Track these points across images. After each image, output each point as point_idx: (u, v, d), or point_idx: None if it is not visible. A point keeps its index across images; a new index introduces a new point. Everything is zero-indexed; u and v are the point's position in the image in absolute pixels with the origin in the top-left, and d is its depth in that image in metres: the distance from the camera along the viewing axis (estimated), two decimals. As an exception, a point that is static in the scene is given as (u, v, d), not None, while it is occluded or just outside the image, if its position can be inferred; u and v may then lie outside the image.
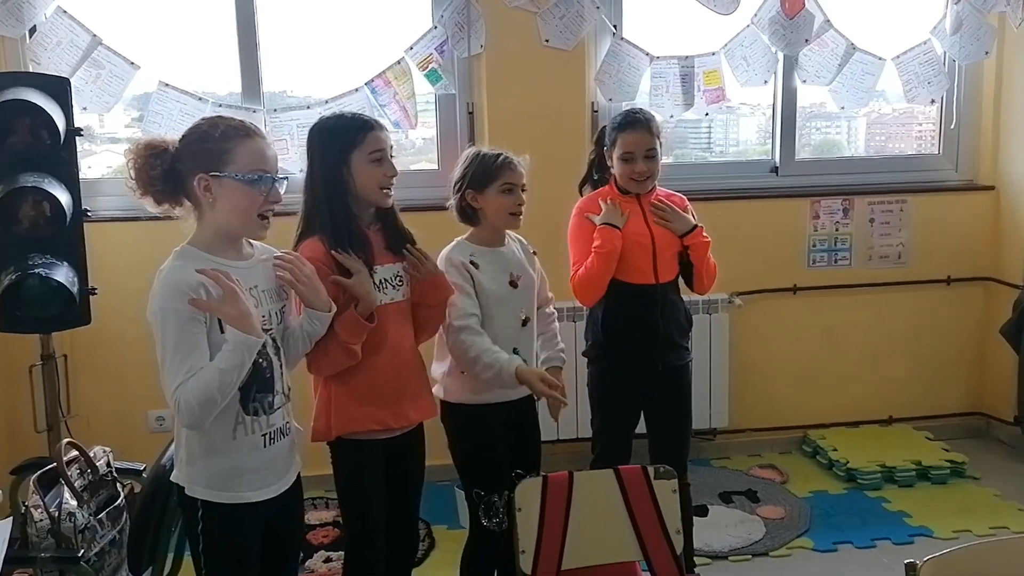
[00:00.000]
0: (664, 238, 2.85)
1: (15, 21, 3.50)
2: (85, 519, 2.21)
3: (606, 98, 3.92)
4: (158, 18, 3.66)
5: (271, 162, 1.96)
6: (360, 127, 2.25)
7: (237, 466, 1.94)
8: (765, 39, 4.00)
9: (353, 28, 3.82)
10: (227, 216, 1.93)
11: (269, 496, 1.98)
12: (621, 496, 2.14)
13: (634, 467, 2.19)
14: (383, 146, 2.26)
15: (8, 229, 3.11)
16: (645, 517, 2.12)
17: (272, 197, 1.95)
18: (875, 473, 3.82)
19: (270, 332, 1.99)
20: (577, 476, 2.16)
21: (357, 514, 2.31)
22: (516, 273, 2.56)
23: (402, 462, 2.36)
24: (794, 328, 4.23)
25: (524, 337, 2.57)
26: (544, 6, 3.77)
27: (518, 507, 2.10)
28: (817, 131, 4.62)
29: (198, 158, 1.91)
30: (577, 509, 2.11)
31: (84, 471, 2.31)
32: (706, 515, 3.56)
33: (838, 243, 4.24)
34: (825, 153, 4.56)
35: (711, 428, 4.13)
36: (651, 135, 2.82)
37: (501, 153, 2.52)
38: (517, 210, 2.51)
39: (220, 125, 1.94)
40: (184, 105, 3.66)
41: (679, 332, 2.91)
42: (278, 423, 2.01)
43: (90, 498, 2.28)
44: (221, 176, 1.90)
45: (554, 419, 2.58)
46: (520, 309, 2.55)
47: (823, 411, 4.29)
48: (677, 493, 2.16)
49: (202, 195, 1.91)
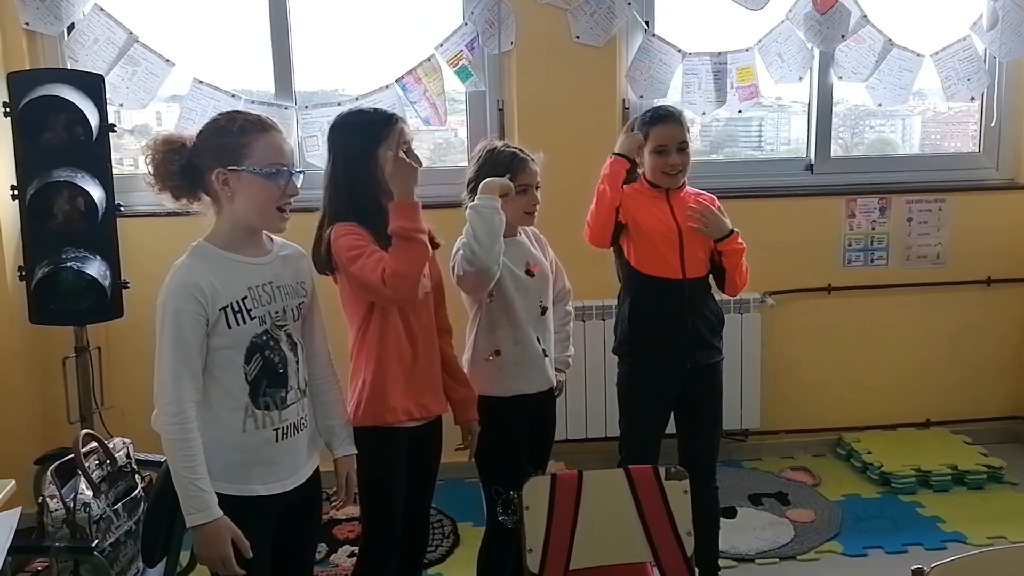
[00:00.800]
0: (692, 233, 2.80)
1: (54, 18, 3.56)
2: (100, 510, 2.23)
3: (637, 95, 3.89)
4: (193, 16, 3.71)
5: (288, 156, 1.97)
6: (385, 121, 2.25)
7: (247, 459, 1.94)
8: (800, 35, 3.95)
9: (384, 25, 3.83)
10: (245, 210, 1.94)
11: (279, 491, 1.98)
12: (631, 496, 2.11)
13: (644, 467, 2.16)
14: (408, 139, 2.26)
15: (43, 223, 3.18)
16: (655, 518, 2.09)
17: (290, 190, 1.96)
18: (909, 477, 3.75)
19: (285, 328, 2.00)
20: (587, 475, 2.14)
21: (377, 504, 2.31)
22: (532, 262, 2.56)
23: (421, 453, 2.36)
24: (829, 328, 4.16)
25: (542, 326, 2.58)
26: (575, 2, 3.75)
27: (526, 505, 2.08)
28: (871, 129, 4.54)
29: (216, 152, 1.92)
30: (586, 508, 2.09)
31: (103, 462, 2.34)
32: (734, 517, 3.52)
33: (874, 242, 4.16)
34: (878, 151, 4.46)
35: (743, 429, 4.09)
36: (683, 128, 2.80)
37: (515, 152, 2.50)
38: (532, 209, 2.51)
39: (238, 120, 1.95)
40: (217, 102, 3.70)
41: (709, 330, 2.85)
42: (291, 418, 2.01)
43: (108, 489, 2.31)
44: (239, 170, 1.91)
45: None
46: (538, 297, 2.56)
47: (858, 413, 4.21)
48: (688, 494, 2.12)
49: (220, 189, 1.92)
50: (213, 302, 1.89)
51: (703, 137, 4.39)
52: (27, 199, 3.13)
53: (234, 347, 1.92)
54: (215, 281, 1.89)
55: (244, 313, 1.92)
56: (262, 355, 1.94)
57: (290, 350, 2.01)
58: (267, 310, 1.97)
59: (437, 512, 3.62)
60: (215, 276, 1.90)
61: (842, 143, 4.40)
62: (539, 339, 2.55)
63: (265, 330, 1.96)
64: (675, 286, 2.78)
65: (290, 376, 2.00)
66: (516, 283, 2.50)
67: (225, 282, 1.91)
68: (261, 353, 1.94)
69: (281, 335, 1.99)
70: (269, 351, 1.95)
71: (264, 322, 1.96)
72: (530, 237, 2.63)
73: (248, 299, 1.93)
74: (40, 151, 3.15)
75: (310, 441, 2.09)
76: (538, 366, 2.56)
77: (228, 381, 1.92)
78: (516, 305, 2.49)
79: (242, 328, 1.92)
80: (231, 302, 1.91)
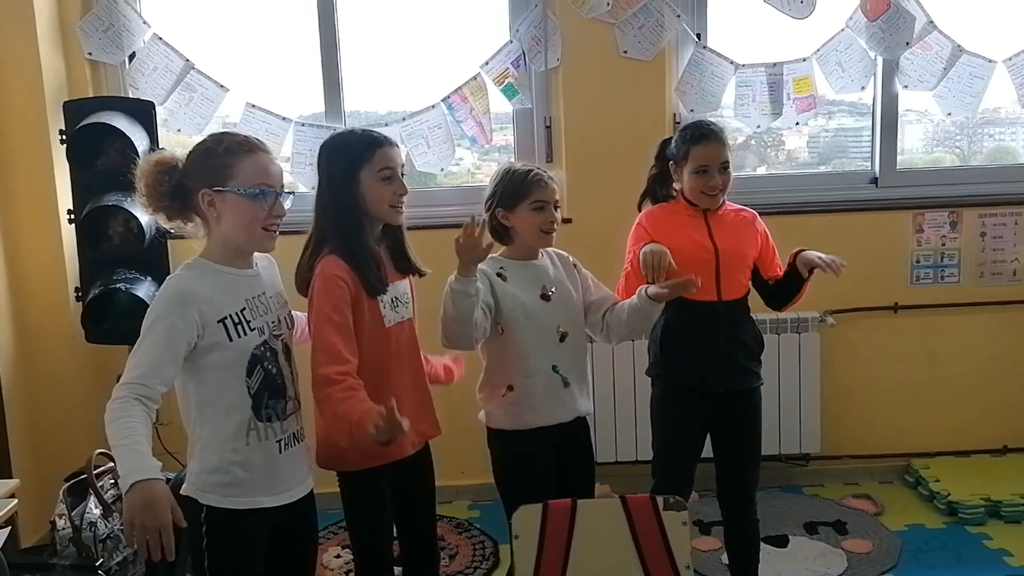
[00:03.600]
0: (730, 253, 2.70)
1: (115, 48, 3.71)
2: (108, 529, 2.28)
3: (687, 109, 3.80)
4: (245, 42, 3.80)
5: (275, 176, 1.98)
6: (368, 144, 2.21)
7: (250, 471, 1.95)
8: (862, 43, 3.79)
9: (431, 45, 3.84)
10: (232, 230, 1.96)
11: (281, 503, 1.99)
12: (628, 527, 2.03)
13: (642, 496, 2.08)
14: (393, 164, 2.22)
15: (97, 246, 3.31)
16: (652, 550, 2.00)
17: (276, 211, 1.97)
18: (978, 507, 3.53)
19: (281, 336, 2.02)
20: (581, 504, 2.07)
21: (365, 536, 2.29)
22: (549, 287, 2.48)
23: (412, 479, 2.32)
24: (896, 349, 3.96)
25: (563, 353, 2.47)
26: (622, 17, 3.69)
27: (515, 535, 2.03)
28: (990, 137, 4.33)
29: (203, 174, 1.94)
30: (579, 539, 2.02)
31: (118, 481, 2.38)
32: (786, 546, 3.38)
33: (945, 259, 3.95)
34: (997, 160, 4.22)
35: (802, 453, 3.93)
36: (725, 147, 2.70)
37: (531, 169, 2.45)
38: (549, 227, 2.44)
39: (224, 141, 1.97)
40: (269, 125, 3.78)
41: (746, 354, 2.75)
42: (292, 428, 2.03)
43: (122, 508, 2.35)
44: (224, 191, 1.92)
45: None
46: (555, 324, 2.47)
47: (929, 438, 4.00)
48: (687, 526, 2.03)
49: (207, 210, 1.94)
50: (211, 313, 1.89)
51: (810, 149, 4.28)
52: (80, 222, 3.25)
53: (237, 362, 1.92)
54: (212, 293, 1.91)
55: (244, 324, 1.94)
56: (262, 367, 1.96)
57: (286, 360, 2.03)
58: (264, 320, 1.98)
59: (481, 533, 3.60)
60: (212, 288, 1.92)
61: (959, 152, 4.22)
62: (556, 367, 2.45)
63: (264, 341, 1.97)
64: (709, 309, 2.68)
65: (287, 386, 2.02)
66: (526, 313, 2.42)
67: (224, 294, 1.93)
68: (261, 365, 1.96)
69: (278, 345, 2.01)
70: (268, 362, 1.96)
71: (263, 332, 1.97)
72: (552, 259, 2.57)
73: (247, 310, 1.95)
74: (94, 176, 3.28)
75: (305, 453, 2.10)
76: (555, 396, 2.45)
77: (232, 398, 1.93)
78: (524, 337, 2.41)
79: (244, 340, 1.93)
80: (231, 313, 1.92)
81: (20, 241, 3.60)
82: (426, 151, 3.81)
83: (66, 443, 3.54)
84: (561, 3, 3.69)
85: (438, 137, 3.80)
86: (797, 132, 4.17)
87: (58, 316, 3.62)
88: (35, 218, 3.59)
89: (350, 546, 2.38)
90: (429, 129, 3.80)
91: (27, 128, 3.54)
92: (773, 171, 4.21)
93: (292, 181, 3.85)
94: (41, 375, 3.64)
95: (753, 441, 2.77)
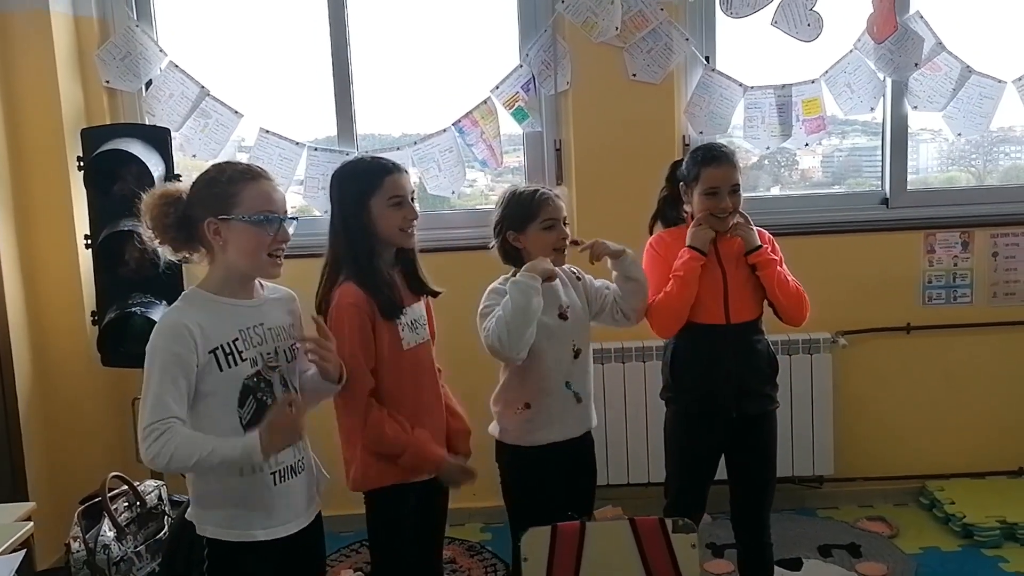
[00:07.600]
0: (738, 278, 2.71)
1: (132, 76, 3.77)
2: (121, 551, 2.30)
3: (697, 131, 3.82)
4: (259, 68, 3.85)
5: (278, 203, 2.01)
6: (378, 172, 2.25)
7: (245, 504, 1.95)
8: (871, 64, 3.81)
9: (442, 69, 3.89)
10: (237, 257, 1.98)
11: (280, 535, 1.99)
12: (636, 549, 2.03)
13: (650, 519, 2.09)
14: (402, 191, 2.26)
15: (113, 270, 3.34)
16: (662, 573, 2.01)
17: (280, 237, 1.99)
18: (994, 529, 3.50)
19: (277, 368, 2.02)
20: (589, 526, 2.08)
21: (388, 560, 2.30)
22: (565, 305, 2.52)
23: (431, 502, 2.34)
24: (909, 370, 3.95)
25: (576, 369, 2.52)
26: (631, 40, 3.72)
27: (524, 557, 2.04)
28: (1005, 156, 4.31)
29: (207, 203, 1.97)
30: (588, 561, 2.03)
31: (132, 504, 2.41)
32: (799, 569, 3.36)
33: (957, 279, 3.94)
34: (1012, 179, 4.22)
35: (816, 475, 3.91)
36: (736, 169, 2.71)
37: (537, 189, 2.49)
38: (561, 245, 2.47)
39: (227, 170, 2.00)
40: (283, 150, 3.83)
41: (757, 378, 2.74)
42: (288, 460, 2.02)
43: (137, 530, 2.38)
44: (229, 219, 1.95)
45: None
46: (571, 341, 2.51)
47: (944, 460, 3.97)
48: (696, 548, 2.03)
49: (212, 239, 1.96)
50: (203, 344, 1.90)
51: (824, 168, 4.29)
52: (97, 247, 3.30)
53: (226, 391, 1.93)
54: (204, 323, 1.91)
55: (235, 355, 1.94)
56: (255, 397, 1.96)
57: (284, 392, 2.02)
58: (258, 351, 1.98)
59: (493, 556, 3.60)
60: (204, 318, 1.92)
61: (974, 171, 4.22)
62: (569, 383, 2.50)
63: (257, 371, 1.97)
64: (718, 332, 2.69)
65: None
66: (547, 332, 2.45)
67: (215, 324, 1.93)
68: (254, 395, 1.96)
69: (275, 377, 2.01)
70: (262, 393, 1.97)
71: (256, 363, 1.97)
72: (562, 277, 2.59)
73: (239, 340, 1.96)
74: (111, 202, 3.31)
75: (309, 485, 2.10)
76: (570, 412, 2.51)
77: (223, 429, 1.92)
78: (545, 357, 2.45)
79: (234, 370, 1.93)
80: (221, 344, 1.93)
81: (38, 265, 3.64)
82: (438, 175, 3.85)
83: (81, 466, 3.56)
84: (570, 27, 3.72)
85: (449, 161, 3.83)
86: (811, 152, 4.18)
87: (75, 340, 3.66)
88: (53, 243, 3.64)
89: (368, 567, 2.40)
90: (440, 153, 3.83)
91: (46, 155, 3.60)
92: (785, 191, 4.21)
93: (305, 205, 3.90)
94: (57, 398, 3.68)
95: (767, 464, 2.76)
